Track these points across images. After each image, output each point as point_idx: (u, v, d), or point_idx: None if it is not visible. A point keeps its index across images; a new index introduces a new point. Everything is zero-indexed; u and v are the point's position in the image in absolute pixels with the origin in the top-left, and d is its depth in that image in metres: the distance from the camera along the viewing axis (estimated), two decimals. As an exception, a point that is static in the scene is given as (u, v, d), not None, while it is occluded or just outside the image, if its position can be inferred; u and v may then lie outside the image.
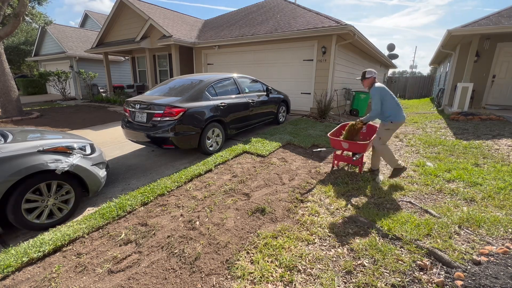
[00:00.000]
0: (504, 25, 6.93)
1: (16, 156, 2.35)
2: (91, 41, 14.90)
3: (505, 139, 5.07)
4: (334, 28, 7.12)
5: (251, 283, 1.79)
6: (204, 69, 10.73)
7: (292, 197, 3.02)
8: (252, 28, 9.42)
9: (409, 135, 6.06)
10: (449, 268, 1.84)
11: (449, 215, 2.50)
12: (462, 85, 7.77)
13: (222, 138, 4.75)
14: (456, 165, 3.79)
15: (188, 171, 3.65)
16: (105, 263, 2.03)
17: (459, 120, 7.15)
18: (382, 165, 4.07)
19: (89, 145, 3.12)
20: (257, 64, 9.36)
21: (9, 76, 8.29)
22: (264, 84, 6.23)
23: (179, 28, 10.80)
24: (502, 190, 2.98)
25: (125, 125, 4.43)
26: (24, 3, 7.82)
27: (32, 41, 22.16)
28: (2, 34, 7.92)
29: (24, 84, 17.10)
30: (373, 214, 2.55)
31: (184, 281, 1.84)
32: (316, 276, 1.84)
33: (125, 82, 16.54)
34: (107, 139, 5.86)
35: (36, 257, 2.07)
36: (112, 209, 2.70)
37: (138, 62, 13.76)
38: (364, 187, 3.23)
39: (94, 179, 2.87)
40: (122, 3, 11.26)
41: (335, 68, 7.85)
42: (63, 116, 8.82)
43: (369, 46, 9.53)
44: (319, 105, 7.55)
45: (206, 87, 4.61)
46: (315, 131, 6.01)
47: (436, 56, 12.95)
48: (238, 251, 2.11)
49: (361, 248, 2.08)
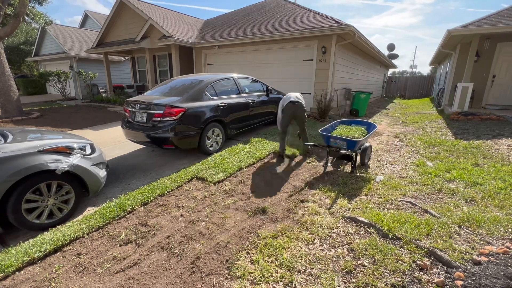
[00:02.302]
0: (504, 25, 6.93)
1: (16, 156, 2.36)
2: (91, 41, 14.89)
3: (505, 139, 5.07)
4: (334, 28, 7.12)
5: (251, 283, 1.79)
6: (204, 69, 10.73)
7: (292, 197, 3.03)
8: (252, 28, 9.42)
9: (409, 135, 6.06)
10: (449, 268, 1.84)
11: (449, 215, 2.50)
12: (462, 85, 7.77)
13: (222, 138, 4.75)
14: (456, 165, 3.79)
15: (188, 171, 3.65)
16: (105, 263, 2.03)
17: (459, 120, 7.15)
18: (382, 165, 4.07)
19: (89, 145, 3.12)
20: (257, 64, 9.36)
21: (9, 76, 8.29)
22: (264, 84, 6.23)
23: (179, 28, 10.80)
24: (502, 190, 2.98)
25: (125, 125, 4.43)
26: (24, 3, 7.82)
27: (32, 41, 22.15)
28: (2, 34, 7.92)
29: (24, 84, 17.10)
30: (373, 214, 2.54)
31: (184, 281, 1.84)
32: (316, 276, 1.84)
33: (125, 82, 16.54)
34: (107, 139, 5.86)
35: (37, 257, 2.07)
36: (112, 209, 2.70)
37: (138, 62, 13.76)
38: (364, 187, 3.23)
39: (94, 179, 2.87)
40: (122, 3, 11.26)
41: (335, 68, 7.85)
42: (63, 116, 8.82)
43: (369, 46, 9.53)
44: (319, 105, 7.55)
45: (206, 87, 4.61)
46: (315, 131, 6.00)
47: (436, 56, 12.95)
48: (238, 251, 2.11)
49: (361, 248, 2.08)
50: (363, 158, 3.89)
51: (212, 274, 1.89)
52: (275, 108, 6.40)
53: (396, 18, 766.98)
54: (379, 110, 11.30)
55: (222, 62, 10.35)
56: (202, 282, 1.83)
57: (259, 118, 5.77)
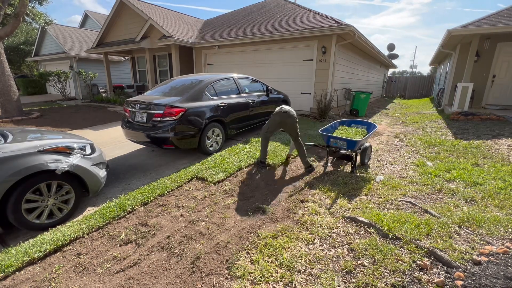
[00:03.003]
0: (504, 25, 6.93)
1: (16, 156, 2.35)
2: (91, 41, 14.89)
3: (505, 139, 5.07)
4: (334, 28, 7.12)
5: (251, 283, 1.79)
6: (204, 69, 10.73)
7: (292, 196, 3.03)
8: (252, 28, 9.42)
9: (409, 135, 6.06)
10: (449, 268, 1.84)
11: (449, 215, 2.50)
12: (462, 85, 7.77)
13: (222, 138, 4.75)
14: (456, 165, 3.79)
15: (188, 171, 3.65)
16: (105, 263, 2.03)
17: (459, 120, 7.15)
18: (382, 165, 4.07)
19: (89, 145, 3.12)
20: (257, 64, 9.36)
21: (9, 76, 8.29)
22: (264, 84, 6.22)
23: (179, 28, 10.80)
24: (502, 190, 2.98)
25: (125, 125, 4.43)
26: (24, 3, 7.82)
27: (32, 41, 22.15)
28: (2, 34, 7.92)
29: (24, 84, 17.10)
30: (373, 214, 2.54)
31: (184, 281, 1.84)
32: (316, 276, 1.84)
33: (125, 82, 16.54)
34: (107, 139, 5.86)
35: (37, 257, 2.07)
36: (112, 209, 2.70)
37: (138, 62, 13.76)
38: (364, 187, 3.23)
39: (94, 179, 2.87)
40: (122, 3, 11.26)
41: (335, 68, 7.85)
42: (63, 116, 8.82)
43: (369, 46, 9.53)
44: (319, 105, 7.55)
45: (206, 87, 4.60)
46: (315, 131, 6.00)
47: (436, 56, 12.95)
48: (238, 251, 2.11)
49: (361, 248, 2.08)
50: (363, 158, 3.89)
51: (212, 274, 1.89)
52: (275, 108, 6.38)
53: (394, 18, 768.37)
54: (379, 110, 11.30)
55: (222, 62, 10.35)
56: (202, 282, 1.83)
57: (259, 118, 5.77)
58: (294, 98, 8.23)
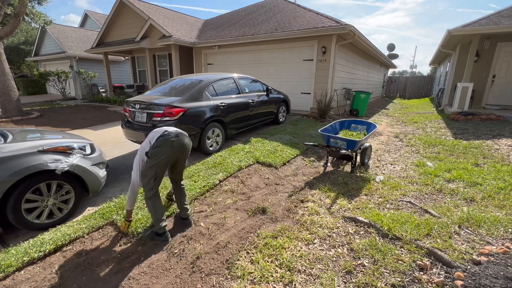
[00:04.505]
0: (504, 25, 6.93)
1: (16, 156, 2.35)
2: (91, 41, 14.88)
3: (505, 139, 5.07)
4: (334, 28, 7.12)
5: (251, 283, 1.79)
6: (204, 69, 10.73)
7: (292, 196, 3.02)
8: (252, 28, 9.42)
9: (409, 135, 6.06)
10: (449, 268, 1.84)
11: (449, 215, 2.50)
12: (462, 85, 7.77)
13: (222, 138, 4.75)
14: (456, 165, 3.79)
15: (188, 171, 3.65)
16: (105, 263, 2.03)
17: (459, 120, 7.15)
18: (382, 165, 4.07)
19: (89, 145, 3.12)
20: (257, 64, 9.36)
21: (9, 76, 8.29)
22: (264, 84, 6.22)
23: (179, 28, 10.80)
24: (502, 190, 2.98)
25: (125, 125, 4.43)
26: (24, 3, 7.81)
27: (32, 41, 22.13)
28: (2, 34, 7.92)
29: (24, 84, 17.09)
30: (373, 214, 2.54)
31: (184, 281, 1.84)
32: (316, 276, 1.84)
33: (125, 82, 16.53)
34: (107, 139, 5.86)
35: (37, 257, 2.07)
36: (112, 209, 2.70)
37: (138, 62, 13.75)
38: (364, 187, 3.23)
39: (94, 179, 2.87)
40: (122, 3, 11.25)
41: (335, 68, 7.85)
42: (63, 116, 8.82)
43: (369, 46, 9.53)
44: (319, 105, 7.54)
45: (206, 87, 4.60)
46: (315, 131, 6.00)
47: (436, 56, 12.95)
48: (238, 251, 2.11)
49: (361, 248, 2.08)
50: (363, 158, 3.89)
51: (212, 274, 1.89)
52: (275, 108, 6.40)
53: (389, 18, 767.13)
54: (379, 110, 11.30)
55: (222, 62, 10.34)
56: (202, 282, 1.83)
57: (259, 118, 5.77)
58: (294, 98, 8.23)
